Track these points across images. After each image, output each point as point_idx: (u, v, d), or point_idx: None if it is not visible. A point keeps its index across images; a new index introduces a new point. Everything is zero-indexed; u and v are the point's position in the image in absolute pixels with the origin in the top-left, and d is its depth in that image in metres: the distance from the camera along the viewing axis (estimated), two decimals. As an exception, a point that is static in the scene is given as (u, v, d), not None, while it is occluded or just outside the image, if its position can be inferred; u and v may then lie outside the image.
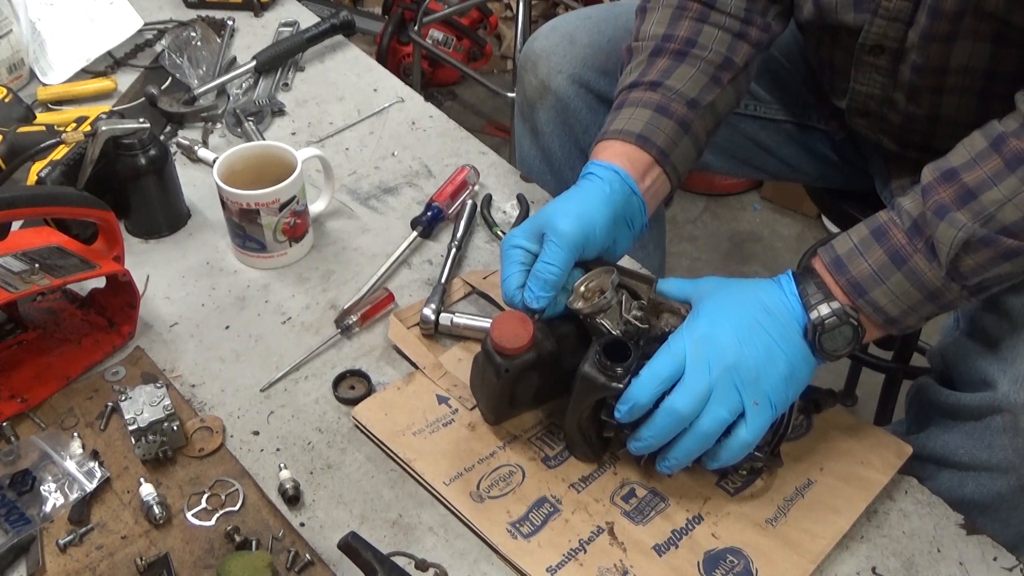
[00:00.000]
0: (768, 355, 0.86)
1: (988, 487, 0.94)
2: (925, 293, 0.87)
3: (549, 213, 0.94)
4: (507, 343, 0.90)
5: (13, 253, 0.98)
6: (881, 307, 0.88)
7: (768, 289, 0.90)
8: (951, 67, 1.01)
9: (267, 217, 1.13)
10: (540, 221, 0.94)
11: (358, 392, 1.03)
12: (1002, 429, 0.91)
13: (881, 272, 0.87)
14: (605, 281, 0.92)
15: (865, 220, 0.90)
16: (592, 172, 0.99)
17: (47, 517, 0.91)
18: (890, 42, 1.02)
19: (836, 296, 0.88)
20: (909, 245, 0.86)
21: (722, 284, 0.93)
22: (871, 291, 0.87)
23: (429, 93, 2.86)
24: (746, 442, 0.86)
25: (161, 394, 0.96)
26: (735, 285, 0.92)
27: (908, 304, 0.87)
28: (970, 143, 0.87)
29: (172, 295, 1.15)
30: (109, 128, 1.16)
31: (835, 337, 0.88)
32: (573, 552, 0.89)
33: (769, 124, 1.30)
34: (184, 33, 1.51)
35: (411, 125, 1.41)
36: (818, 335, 0.87)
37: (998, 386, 0.92)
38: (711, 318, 0.87)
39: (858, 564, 0.90)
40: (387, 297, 1.12)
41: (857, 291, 0.88)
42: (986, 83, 1.01)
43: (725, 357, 0.85)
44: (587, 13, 1.34)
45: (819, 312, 0.87)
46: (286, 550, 0.89)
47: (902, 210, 0.88)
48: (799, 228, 2.53)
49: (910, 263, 0.86)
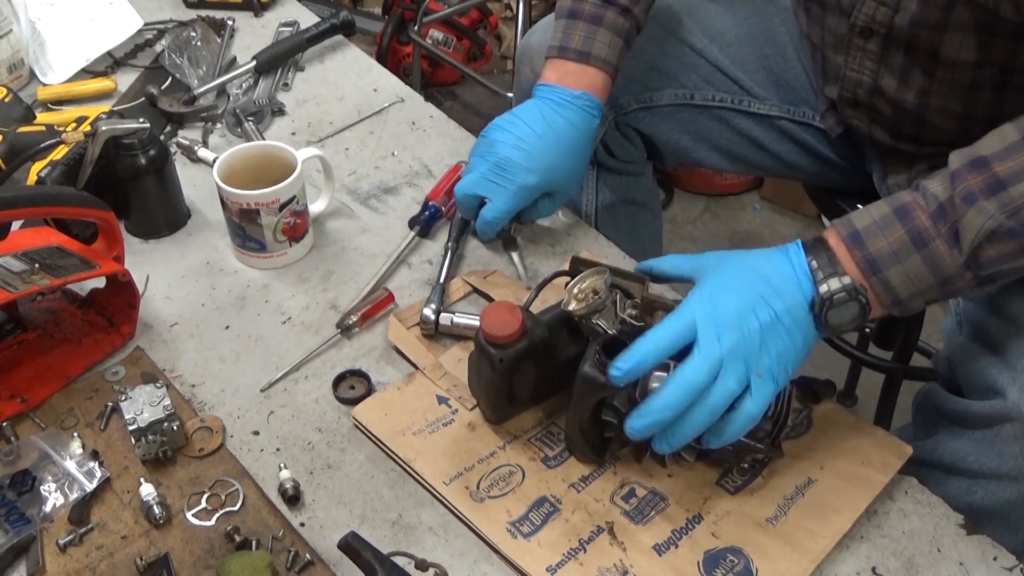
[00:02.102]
0: (772, 328, 0.85)
1: (998, 495, 0.93)
2: (939, 278, 0.86)
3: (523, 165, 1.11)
4: (498, 331, 0.90)
5: (13, 253, 0.98)
6: (892, 287, 0.86)
7: (774, 260, 0.88)
8: (940, 56, 1.01)
9: (267, 217, 1.13)
10: (503, 165, 1.11)
11: (358, 392, 1.03)
12: (1012, 437, 0.91)
13: (900, 252, 0.86)
14: (597, 282, 0.92)
15: (886, 198, 0.89)
16: (578, 103, 1.13)
17: (47, 517, 0.91)
18: (879, 26, 1.03)
19: (848, 271, 0.87)
20: (932, 228, 0.85)
21: (725, 257, 0.92)
22: (886, 270, 0.86)
23: (429, 93, 2.86)
24: (752, 415, 0.84)
25: (161, 394, 0.96)
26: (739, 257, 0.91)
27: (919, 287, 0.86)
28: (1001, 134, 0.86)
29: (172, 295, 1.15)
30: (109, 128, 1.16)
31: (841, 312, 0.86)
32: (573, 552, 0.89)
33: (764, 120, 1.30)
34: (184, 33, 1.51)
35: (411, 125, 1.41)
36: (825, 310, 0.86)
37: (1007, 394, 0.91)
38: (716, 291, 0.86)
39: (858, 564, 0.90)
40: (387, 297, 1.12)
41: (872, 268, 0.86)
42: (975, 73, 1.01)
43: (732, 330, 0.84)
44: None
45: (828, 286, 0.86)
46: (286, 550, 0.89)
47: (928, 192, 0.86)
48: (799, 228, 2.53)
49: (931, 247, 0.85)
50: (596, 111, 1.15)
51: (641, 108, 1.31)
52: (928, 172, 1.15)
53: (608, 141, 1.33)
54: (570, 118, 1.12)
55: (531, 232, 1.23)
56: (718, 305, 0.85)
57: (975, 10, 0.94)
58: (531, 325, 0.92)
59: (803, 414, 1.00)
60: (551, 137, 1.12)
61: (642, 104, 1.30)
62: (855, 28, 1.05)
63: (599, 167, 1.35)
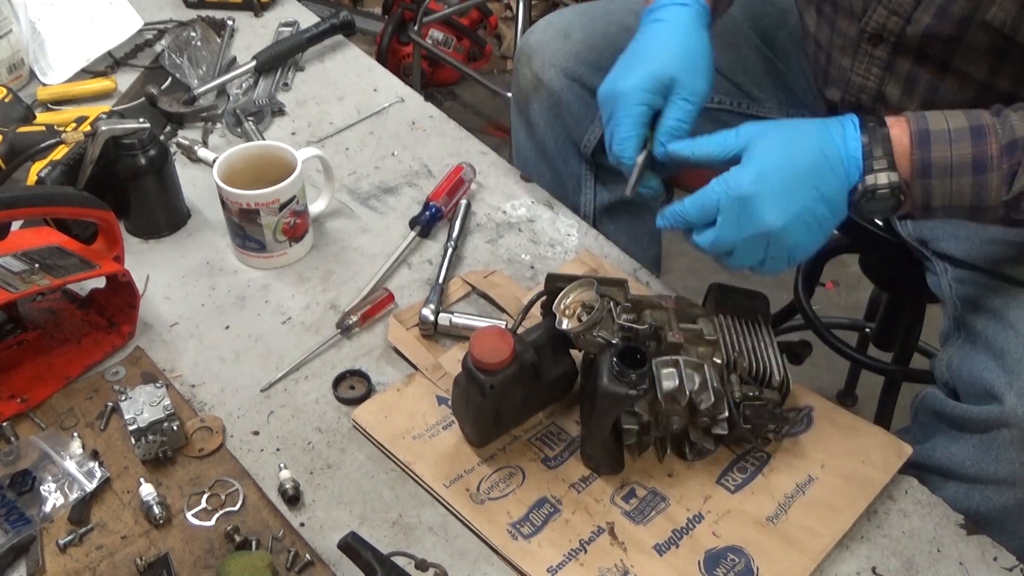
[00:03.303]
0: (800, 222, 0.86)
1: (995, 500, 0.93)
2: (976, 204, 0.86)
3: (669, 64, 0.95)
4: (489, 358, 0.89)
5: (13, 253, 0.98)
6: (932, 194, 0.87)
7: (826, 136, 0.88)
8: (948, 72, 1.00)
9: (267, 217, 1.13)
10: (659, 74, 0.95)
11: (358, 392, 1.03)
12: (1009, 443, 0.91)
13: (957, 167, 0.85)
14: (584, 295, 0.92)
15: (965, 111, 0.88)
16: (678, 2, 1.00)
17: (47, 517, 0.91)
18: (889, 34, 1.02)
19: (900, 166, 0.86)
20: (997, 159, 0.85)
21: (775, 128, 0.91)
22: (936, 178, 0.86)
23: (429, 93, 2.86)
24: (745, 269, 0.90)
25: (161, 394, 0.96)
26: (791, 129, 0.90)
27: (954, 203, 0.87)
28: None
29: (172, 295, 1.15)
30: (109, 128, 1.16)
31: (878, 204, 0.87)
32: (574, 552, 0.89)
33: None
34: (184, 33, 1.51)
35: (411, 125, 1.41)
36: (865, 199, 0.87)
37: (1005, 400, 0.91)
38: (755, 175, 0.87)
39: (858, 564, 0.90)
40: (387, 297, 1.12)
41: (925, 172, 0.86)
42: (978, 94, 1.01)
43: (756, 225, 0.86)
44: (583, 9, 1.35)
45: (876, 179, 0.86)
46: (286, 550, 0.89)
47: (1008, 123, 0.86)
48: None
49: (987, 175, 0.85)
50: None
51: None
52: None
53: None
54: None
55: (531, 231, 1.23)
56: (756, 193, 0.86)
57: (991, 33, 0.94)
58: (520, 349, 0.91)
59: (803, 413, 1.00)
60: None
61: None
62: (864, 34, 1.05)
63: (598, 168, 1.35)
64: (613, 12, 1.31)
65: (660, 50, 0.97)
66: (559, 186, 1.34)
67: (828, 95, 1.19)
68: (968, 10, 0.93)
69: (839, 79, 1.13)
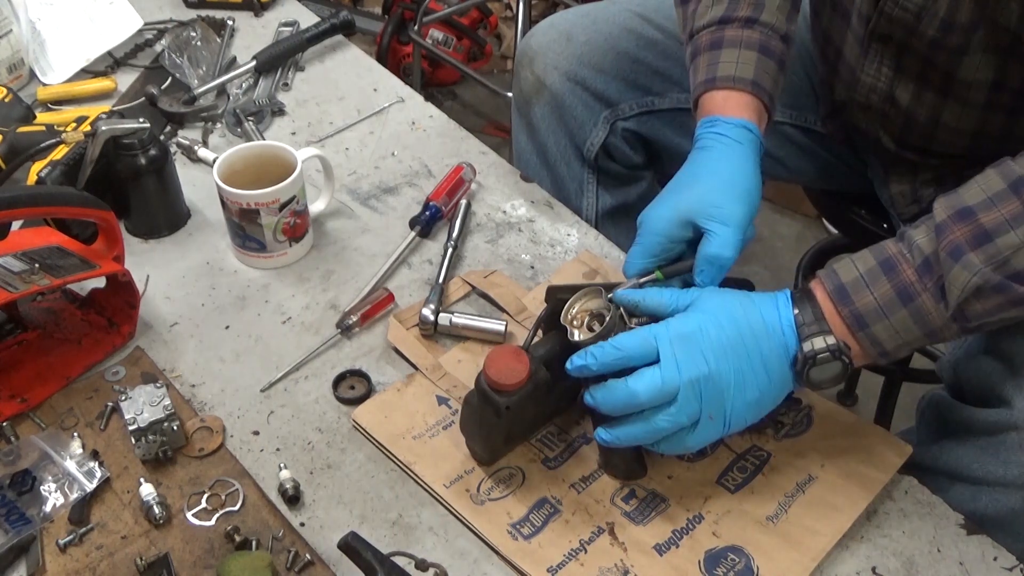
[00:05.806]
0: (742, 378, 0.84)
1: (1002, 502, 0.93)
2: (925, 331, 0.85)
3: (706, 196, 0.92)
4: (505, 379, 0.88)
5: (13, 253, 0.98)
6: (879, 340, 0.86)
7: (763, 308, 0.87)
8: (959, 75, 1.00)
9: (267, 217, 1.13)
10: (695, 206, 0.92)
11: (358, 392, 1.03)
12: (1017, 446, 0.91)
13: (886, 307, 0.85)
14: (590, 303, 0.91)
15: (871, 249, 0.88)
16: (724, 133, 0.96)
17: (47, 517, 0.91)
18: (898, 36, 1.02)
19: (833, 327, 0.86)
20: (919, 283, 0.84)
21: (713, 294, 0.89)
22: (873, 325, 0.85)
23: (429, 93, 2.86)
24: (687, 447, 0.87)
25: (161, 394, 0.96)
26: (727, 297, 0.88)
27: (905, 339, 0.86)
28: (985, 182, 0.85)
29: (172, 295, 1.15)
30: (109, 128, 1.16)
31: (824, 371, 0.86)
32: (574, 552, 0.89)
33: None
34: (184, 33, 1.51)
35: (411, 125, 1.41)
36: (808, 367, 0.85)
37: (1013, 403, 0.91)
38: (699, 323, 0.85)
39: (858, 564, 0.90)
40: (387, 297, 1.12)
41: (859, 324, 0.85)
42: (991, 94, 1.00)
43: (699, 366, 0.83)
44: (585, 11, 1.34)
45: (813, 345, 0.85)
46: (286, 550, 0.89)
47: (913, 245, 0.85)
48: (799, 228, 2.53)
49: (917, 301, 0.84)
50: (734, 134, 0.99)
51: (643, 112, 1.30)
52: (932, 183, 1.16)
53: (609, 146, 1.32)
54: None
55: (531, 231, 1.23)
56: (695, 337, 0.84)
57: (998, 32, 0.93)
58: (534, 368, 0.90)
59: (803, 413, 1.00)
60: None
61: (644, 108, 1.30)
62: (875, 33, 1.05)
63: (600, 172, 1.35)
64: (615, 14, 1.31)
65: (696, 180, 0.95)
66: (561, 190, 1.34)
67: (837, 93, 1.18)
68: (974, 15, 0.93)
69: (849, 77, 1.13)
